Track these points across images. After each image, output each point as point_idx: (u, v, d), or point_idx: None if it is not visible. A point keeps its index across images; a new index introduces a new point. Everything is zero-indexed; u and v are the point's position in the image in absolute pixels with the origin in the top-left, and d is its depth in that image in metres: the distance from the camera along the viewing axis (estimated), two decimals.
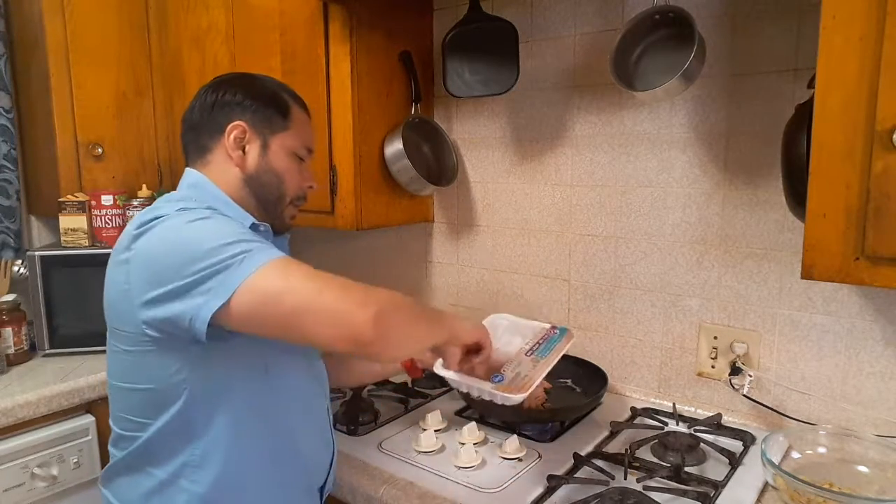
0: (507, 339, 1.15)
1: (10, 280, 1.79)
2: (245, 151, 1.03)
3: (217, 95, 1.04)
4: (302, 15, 1.59)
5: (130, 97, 1.97)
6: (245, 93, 1.04)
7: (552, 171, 1.57)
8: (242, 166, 1.03)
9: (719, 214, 1.35)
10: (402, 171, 1.60)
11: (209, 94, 1.05)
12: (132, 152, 1.99)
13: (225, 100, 1.04)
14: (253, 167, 1.04)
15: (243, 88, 1.05)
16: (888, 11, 0.82)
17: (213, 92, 1.05)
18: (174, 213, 0.92)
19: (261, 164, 1.04)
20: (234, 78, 1.09)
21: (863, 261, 0.89)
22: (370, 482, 1.15)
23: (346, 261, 2.07)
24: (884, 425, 1.20)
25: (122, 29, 1.94)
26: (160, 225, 0.91)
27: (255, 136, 1.04)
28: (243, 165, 1.03)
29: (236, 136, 1.02)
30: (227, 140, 1.02)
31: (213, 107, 1.04)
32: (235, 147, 1.03)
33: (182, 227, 0.90)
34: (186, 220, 0.90)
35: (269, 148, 1.04)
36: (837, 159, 0.88)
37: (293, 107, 1.08)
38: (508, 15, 1.51)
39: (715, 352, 1.38)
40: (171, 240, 0.89)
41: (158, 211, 0.94)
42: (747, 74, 1.28)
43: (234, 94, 1.04)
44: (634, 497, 1.04)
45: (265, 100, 1.05)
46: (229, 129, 1.02)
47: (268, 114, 1.04)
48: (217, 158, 1.04)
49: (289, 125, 1.06)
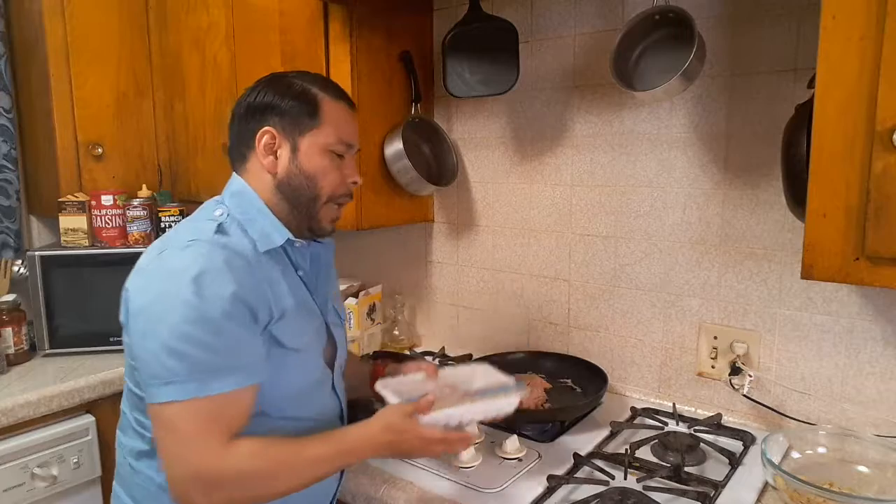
0: (470, 384, 1.11)
1: (10, 280, 1.79)
2: (277, 156, 1.02)
3: (248, 102, 1.04)
4: (302, 15, 1.59)
5: (130, 97, 1.97)
6: (272, 95, 1.02)
7: (552, 171, 1.57)
8: (274, 172, 1.02)
9: (719, 214, 1.35)
10: (402, 171, 1.60)
11: (242, 101, 1.05)
12: (132, 152, 1.99)
13: (254, 105, 1.03)
14: (284, 172, 1.02)
15: (270, 90, 1.03)
16: (888, 11, 0.83)
17: (244, 98, 1.05)
18: (171, 269, 0.92)
19: (291, 168, 1.02)
20: (264, 81, 1.06)
21: (863, 261, 0.89)
22: (370, 482, 1.15)
23: (346, 261, 2.07)
24: (884, 425, 1.20)
25: (122, 29, 1.94)
26: (148, 278, 0.94)
27: (285, 140, 1.02)
28: (275, 171, 1.02)
29: (266, 143, 1.01)
30: (259, 147, 1.02)
31: (245, 114, 1.03)
32: (266, 153, 1.02)
33: (159, 304, 0.90)
34: (173, 296, 0.89)
35: (299, 150, 1.02)
36: (837, 159, 0.88)
37: (324, 101, 1.03)
38: (508, 15, 1.51)
39: (715, 352, 1.38)
40: (143, 312, 0.92)
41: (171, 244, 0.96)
42: (747, 74, 1.28)
43: (261, 98, 1.02)
44: (634, 497, 1.04)
45: (291, 99, 1.02)
46: (259, 137, 1.01)
47: (294, 114, 1.01)
48: (253, 166, 1.04)
49: (319, 122, 1.02)
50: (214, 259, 0.92)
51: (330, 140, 1.03)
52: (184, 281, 0.89)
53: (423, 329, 1.91)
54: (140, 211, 1.79)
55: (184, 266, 0.90)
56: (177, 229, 1.02)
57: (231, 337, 0.90)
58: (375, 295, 1.85)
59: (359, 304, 1.78)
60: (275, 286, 0.98)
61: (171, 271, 0.92)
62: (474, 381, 1.11)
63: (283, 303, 0.98)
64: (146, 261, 0.97)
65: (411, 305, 1.92)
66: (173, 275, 0.91)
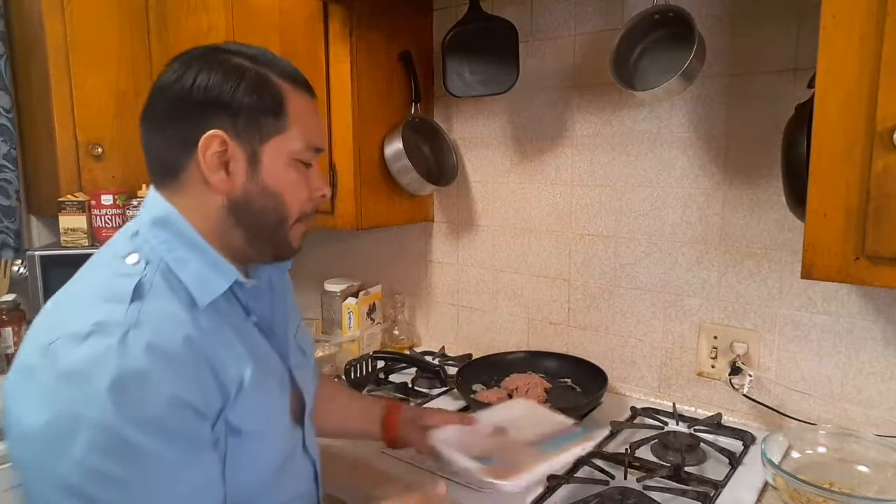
0: (520, 426, 1.01)
1: (9, 280, 1.80)
2: (229, 171, 0.76)
3: (180, 90, 0.74)
4: (302, 15, 1.59)
5: (130, 97, 1.97)
6: (217, 82, 0.74)
7: (552, 171, 1.57)
8: (225, 191, 0.76)
9: (719, 214, 1.35)
10: (402, 171, 1.60)
11: (169, 87, 0.75)
12: (132, 152, 1.99)
13: (192, 96, 0.74)
14: (240, 191, 0.76)
15: (213, 74, 0.74)
16: (888, 11, 0.82)
17: (172, 83, 0.75)
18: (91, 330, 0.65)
19: (250, 185, 0.77)
20: (196, 57, 0.76)
21: (863, 261, 0.89)
22: (370, 482, 1.15)
23: (346, 261, 2.07)
24: (884, 425, 1.20)
25: (122, 29, 1.94)
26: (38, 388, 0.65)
27: (240, 148, 0.75)
28: (226, 190, 0.76)
29: (214, 152, 0.74)
30: (203, 158, 0.74)
31: (177, 107, 0.75)
32: (215, 167, 0.75)
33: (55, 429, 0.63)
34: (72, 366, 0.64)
35: (261, 161, 0.77)
36: (837, 159, 0.88)
37: (290, 94, 0.78)
38: (508, 15, 1.51)
39: (715, 351, 1.38)
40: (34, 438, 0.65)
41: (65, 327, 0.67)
42: (747, 74, 1.28)
43: (201, 85, 0.74)
44: (634, 497, 1.04)
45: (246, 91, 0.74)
46: (204, 143, 0.74)
47: (253, 112, 0.75)
48: (190, 183, 0.76)
49: (286, 124, 0.77)
50: (132, 354, 0.64)
51: (298, 146, 0.79)
52: (92, 393, 0.63)
53: (422, 329, 1.92)
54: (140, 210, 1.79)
55: (87, 372, 0.64)
56: (72, 292, 0.74)
57: (164, 465, 0.65)
58: (375, 295, 1.85)
59: (359, 304, 1.78)
60: (226, 355, 0.74)
61: (70, 377, 0.64)
62: (521, 422, 1.02)
63: (240, 373, 0.74)
64: (30, 354, 0.68)
65: (411, 305, 1.92)
66: (74, 384, 0.64)
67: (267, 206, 0.78)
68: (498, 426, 1.01)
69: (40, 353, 0.67)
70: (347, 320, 1.78)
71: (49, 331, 0.68)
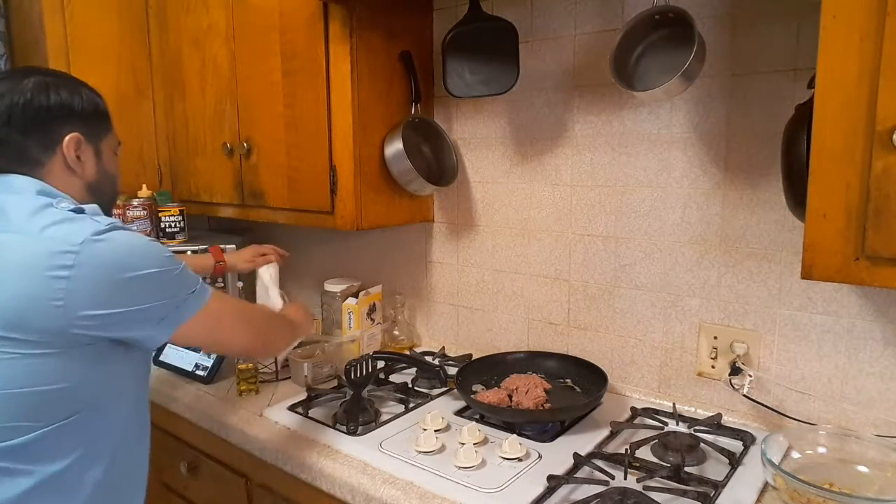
0: None
1: None
2: (81, 160, 1.05)
3: (39, 105, 1.00)
4: (302, 15, 1.59)
5: (130, 97, 1.98)
6: (68, 98, 1.03)
7: (552, 171, 1.58)
8: (83, 176, 1.05)
9: (719, 214, 1.35)
10: (403, 172, 1.60)
11: (30, 102, 0.99)
12: (132, 152, 1.99)
13: (51, 108, 1.01)
14: (92, 175, 1.07)
15: (62, 92, 1.02)
16: (888, 11, 0.82)
17: (29, 98, 0.99)
18: (111, 226, 0.94)
19: (97, 171, 1.07)
20: (56, 80, 1.05)
21: (863, 261, 0.89)
22: (370, 482, 1.15)
23: (346, 261, 2.07)
24: (884, 425, 1.20)
25: (122, 29, 1.94)
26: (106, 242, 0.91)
27: (88, 145, 1.06)
28: (83, 175, 1.05)
29: (74, 147, 1.03)
30: (68, 153, 1.02)
31: (41, 115, 1.00)
32: (74, 158, 1.03)
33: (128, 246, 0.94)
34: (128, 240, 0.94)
35: (102, 153, 1.08)
36: (837, 159, 0.88)
37: (105, 106, 1.11)
38: (508, 15, 1.51)
39: (715, 352, 1.38)
40: (121, 261, 0.92)
41: (88, 223, 0.93)
42: (747, 74, 1.28)
43: (56, 101, 1.01)
44: (634, 497, 1.04)
45: (86, 104, 1.05)
46: (67, 143, 1.02)
47: (93, 119, 1.07)
48: (55, 169, 1.02)
49: (111, 126, 1.12)
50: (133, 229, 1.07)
51: (115, 141, 1.14)
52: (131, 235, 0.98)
53: (422, 329, 1.92)
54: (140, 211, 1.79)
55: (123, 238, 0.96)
56: (66, 237, 0.92)
57: None
58: (375, 295, 1.85)
59: (359, 304, 1.78)
60: None
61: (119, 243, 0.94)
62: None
63: None
64: (73, 250, 0.91)
65: (411, 305, 1.92)
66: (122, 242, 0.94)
67: (109, 186, 1.12)
68: None
69: None
70: (347, 320, 1.78)
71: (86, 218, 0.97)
